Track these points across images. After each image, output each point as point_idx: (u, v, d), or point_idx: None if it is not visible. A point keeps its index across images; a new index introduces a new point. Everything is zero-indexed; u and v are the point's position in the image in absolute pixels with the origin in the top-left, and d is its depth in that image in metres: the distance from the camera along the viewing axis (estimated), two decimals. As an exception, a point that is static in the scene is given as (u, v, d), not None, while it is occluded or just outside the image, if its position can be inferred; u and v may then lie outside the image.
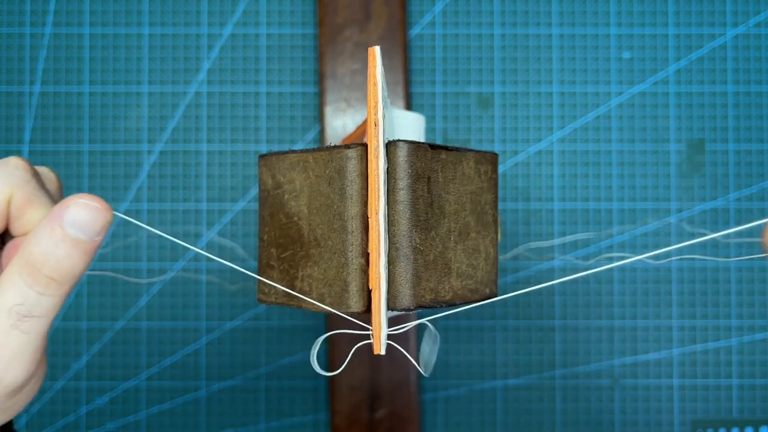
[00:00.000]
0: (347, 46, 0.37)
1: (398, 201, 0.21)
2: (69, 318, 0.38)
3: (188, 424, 0.38)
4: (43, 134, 0.39)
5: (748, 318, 0.38)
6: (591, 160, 0.39)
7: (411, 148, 0.21)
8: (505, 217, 0.39)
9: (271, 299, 0.23)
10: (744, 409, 0.38)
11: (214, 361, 0.38)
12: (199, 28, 0.39)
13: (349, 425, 0.37)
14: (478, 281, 0.23)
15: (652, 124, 0.39)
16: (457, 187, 0.22)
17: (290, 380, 0.38)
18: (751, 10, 0.39)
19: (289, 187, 0.23)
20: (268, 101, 0.39)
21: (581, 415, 0.38)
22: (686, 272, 0.38)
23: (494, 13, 0.39)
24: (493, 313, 0.38)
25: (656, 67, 0.39)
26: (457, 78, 0.39)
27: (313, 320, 0.38)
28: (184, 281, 0.38)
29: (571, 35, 0.39)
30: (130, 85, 0.39)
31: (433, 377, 0.38)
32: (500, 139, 0.39)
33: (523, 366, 0.38)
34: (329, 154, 0.21)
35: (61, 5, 0.39)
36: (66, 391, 0.38)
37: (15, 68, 0.39)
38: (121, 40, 0.39)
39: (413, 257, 0.21)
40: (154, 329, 0.38)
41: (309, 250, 0.22)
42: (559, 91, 0.39)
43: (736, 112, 0.39)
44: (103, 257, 0.38)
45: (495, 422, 0.38)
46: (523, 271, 0.38)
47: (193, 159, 0.39)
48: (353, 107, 0.37)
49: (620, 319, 0.38)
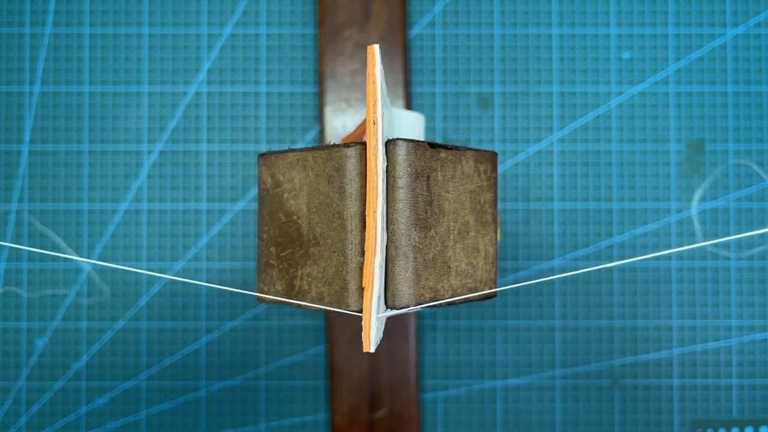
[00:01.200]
0: (347, 46, 0.37)
1: (397, 199, 0.21)
2: (69, 318, 0.38)
3: (188, 424, 0.38)
4: (43, 134, 0.39)
5: (748, 318, 0.38)
6: (591, 160, 0.39)
7: (410, 146, 0.21)
8: (505, 217, 0.39)
9: (270, 298, 0.23)
10: (744, 409, 0.38)
11: (214, 361, 0.38)
12: (199, 28, 0.39)
13: (349, 425, 0.37)
14: (478, 280, 0.23)
15: (652, 124, 0.39)
16: (456, 185, 0.22)
17: (290, 380, 0.38)
18: (751, 10, 0.39)
19: (289, 186, 0.23)
20: (268, 101, 0.39)
21: (581, 415, 0.38)
22: (686, 272, 0.38)
23: (494, 13, 0.39)
24: (493, 313, 0.38)
25: (656, 67, 0.39)
26: (457, 78, 0.39)
27: (313, 320, 0.38)
28: (184, 281, 0.38)
29: (571, 35, 0.39)
30: (130, 85, 0.39)
31: (433, 377, 0.38)
32: (500, 139, 0.39)
33: (523, 366, 0.38)
34: (328, 152, 0.21)
35: (61, 5, 0.39)
36: (66, 391, 0.38)
37: (15, 68, 0.39)
38: (121, 40, 0.39)
39: (412, 256, 0.21)
40: (154, 329, 0.38)
41: (308, 248, 0.22)
42: (559, 91, 0.39)
43: (736, 112, 0.39)
44: (103, 257, 0.38)
45: (495, 422, 0.38)
46: (523, 270, 0.38)
47: (193, 159, 0.39)
48: (353, 107, 0.37)
49: (620, 319, 0.38)
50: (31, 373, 0.38)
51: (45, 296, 0.38)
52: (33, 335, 0.38)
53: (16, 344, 0.38)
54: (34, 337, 0.38)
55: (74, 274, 0.38)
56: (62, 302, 0.38)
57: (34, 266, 0.38)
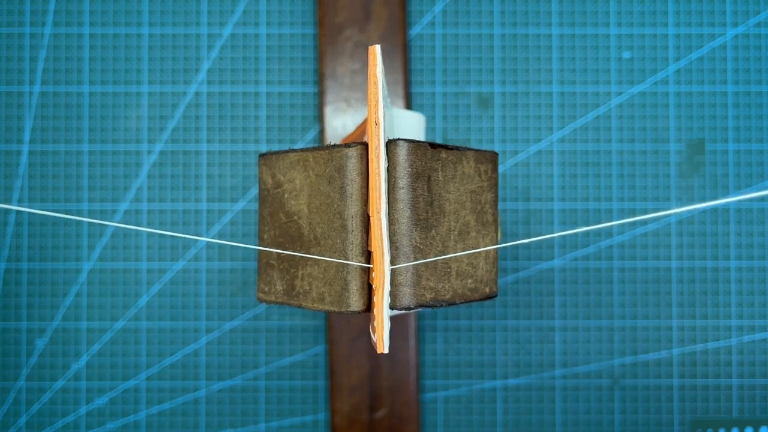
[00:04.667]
0: (347, 46, 0.37)
1: (398, 200, 0.21)
2: (69, 318, 0.38)
3: (188, 424, 0.38)
4: (43, 134, 0.39)
5: (748, 318, 0.38)
6: (591, 160, 0.39)
7: (411, 147, 0.21)
8: (505, 217, 0.39)
9: (270, 298, 0.23)
10: (744, 409, 0.38)
11: (214, 361, 0.38)
12: (199, 28, 0.39)
13: (349, 425, 0.37)
14: (478, 280, 0.23)
15: (652, 124, 0.39)
16: (457, 186, 0.22)
17: (290, 380, 0.38)
18: (751, 10, 0.39)
19: (289, 186, 0.23)
20: (268, 101, 0.39)
21: (581, 415, 0.38)
22: (686, 272, 0.38)
23: (494, 13, 0.39)
24: (493, 313, 0.38)
25: (656, 67, 0.39)
26: (457, 78, 0.39)
27: (313, 320, 0.38)
28: (184, 281, 0.38)
29: (571, 35, 0.39)
30: (130, 85, 0.39)
31: (433, 377, 0.38)
32: (500, 139, 0.39)
33: (523, 366, 0.38)
34: (329, 153, 0.21)
35: (61, 5, 0.39)
36: (66, 391, 0.38)
37: (15, 68, 0.39)
38: (121, 40, 0.39)
39: (413, 256, 0.21)
40: (154, 329, 0.38)
41: (309, 249, 0.22)
42: (559, 91, 0.39)
43: (736, 112, 0.39)
44: (103, 257, 0.38)
45: (495, 422, 0.38)
46: (523, 270, 0.38)
47: (193, 159, 0.39)
48: (353, 107, 0.37)
49: (620, 319, 0.38)
50: (31, 373, 0.38)
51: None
52: (33, 335, 0.38)
53: (16, 344, 0.38)
54: (34, 337, 0.38)
55: (74, 274, 0.38)
56: (62, 302, 0.38)
57: (34, 266, 0.38)
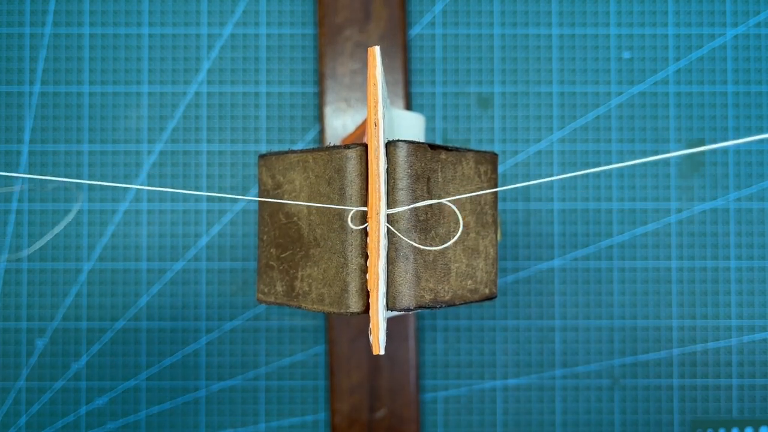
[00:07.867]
0: (347, 46, 0.37)
1: (398, 201, 0.21)
2: (69, 318, 0.38)
3: (188, 424, 0.38)
4: (43, 134, 0.39)
5: (748, 318, 0.38)
6: (591, 160, 0.39)
7: (411, 148, 0.21)
8: (505, 217, 0.39)
9: (270, 299, 0.23)
10: (744, 409, 0.38)
11: (214, 361, 0.38)
12: (199, 28, 0.39)
13: (349, 425, 0.37)
14: (478, 281, 0.23)
15: (652, 124, 0.39)
16: (456, 187, 0.22)
17: (290, 380, 0.38)
18: (751, 10, 0.39)
19: (289, 187, 0.23)
20: (268, 101, 0.39)
21: (581, 415, 0.38)
22: (686, 272, 0.38)
23: (494, 13, 0.39)
24: (493, 313, 0.38)
25: (656, 67, 0.39)
26: (457, 78, 0.39)
27: (313, 320, 0.38)
28: (184, 281, 0.38)
29: (571, 35, 0.39)
30: (130, 85, 0.39)
31: (433, 377, 0.38)
32: (500, 139, 0.39)
33: (523, 366, 0.38)
34: (329, 154, 0.21)
35: (61, 5, 0.39)
36: (66, 391, 0.38)
37: (15, 68, 0.39)
38: (121, 40, 0.39)
39: (413, 257, 0.21)
40: (154, 329, 0.38)
41: (308, 250, 0.22)
42: (559, 91, 0.39)
43: (736, 112, 0.39)
44: (103, 257, 0.38)
45: (495, 422, 0.38)
46: (523, 271, 0.38)
47: (193, 159, 0.39)
48: (353, 107, 0.37)
49: (620, 319, 0.38)
50: (31, 373, 0.38)
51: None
52: (33, 335, 0.38)
53: (16, 344, 0.38)
54: (34, 337, 0.38)
55: (74, 274, 0.38)
56: (62, 302, 0.38)
57: (34, 266, 0.38)
